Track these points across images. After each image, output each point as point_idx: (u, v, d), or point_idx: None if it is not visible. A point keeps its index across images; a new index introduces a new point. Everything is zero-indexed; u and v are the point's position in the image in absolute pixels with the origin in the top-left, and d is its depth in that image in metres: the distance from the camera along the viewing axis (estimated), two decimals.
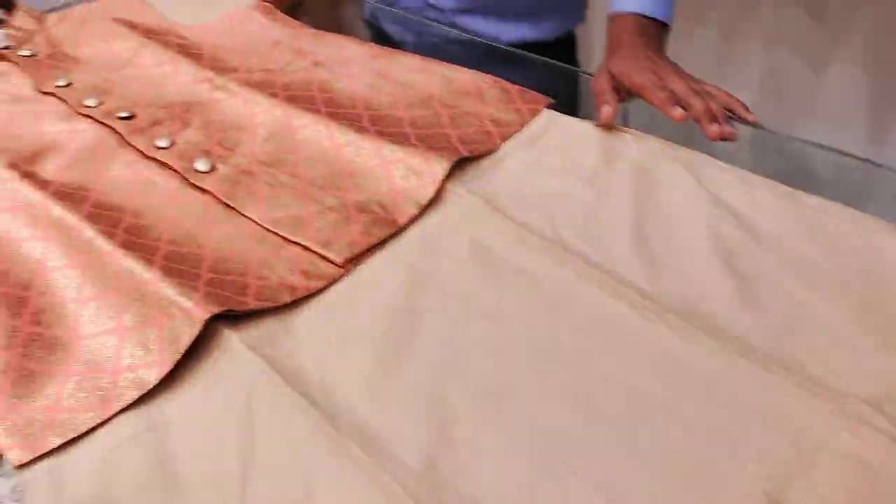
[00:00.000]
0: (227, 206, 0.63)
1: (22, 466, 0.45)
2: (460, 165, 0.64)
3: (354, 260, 0.57)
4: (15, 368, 0.51)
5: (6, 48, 0.88)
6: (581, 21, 1.02)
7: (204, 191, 0.65)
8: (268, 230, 0.60)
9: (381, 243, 0.58)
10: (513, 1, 0.95)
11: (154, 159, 0.69)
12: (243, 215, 0.62)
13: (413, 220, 0.60)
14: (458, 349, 0.50)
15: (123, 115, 0.75)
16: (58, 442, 0.46)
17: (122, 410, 0.47)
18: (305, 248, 0.58)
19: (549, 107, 0.71)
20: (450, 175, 0.62)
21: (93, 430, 0.47)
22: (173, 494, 0.43)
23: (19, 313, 0.55)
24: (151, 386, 0.48)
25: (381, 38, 1.04)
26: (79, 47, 0.89)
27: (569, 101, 0.78)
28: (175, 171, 0.67)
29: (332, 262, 0.57)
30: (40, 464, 0.45)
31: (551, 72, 0.83)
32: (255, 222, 0.61)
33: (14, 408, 0.48)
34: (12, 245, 0.61)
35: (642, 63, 0.69)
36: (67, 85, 0.82)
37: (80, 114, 0.77)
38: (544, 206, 0.59)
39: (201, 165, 0.67)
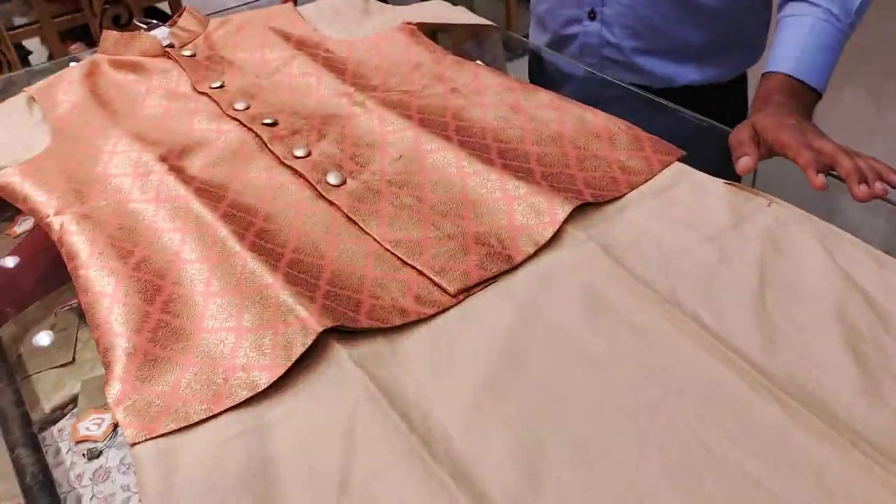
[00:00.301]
0: (351, 221, 0.66)
1: (135, 444, 0.48)
2: (582, 209, 0.64)
3: (466, 291, 0.58)
4: (141, 352, 0.54)
5: (170, 46, 0.95)
6: (755, 62, 1.01)
7: (331, 203, 0.68)
8: (386, 249, 0.62)
9: (494, 277, 0.59)
10: (692, 42, 0.95)
11: (289, 167, 0.73)
12: (365, 232, 0.64)
13: (528, 258, 0.60)
14: (557, 395, 0.50)
15: (267, 121, 0.79)
16: (172, 427, 0.49)
17: (232, 408, 0.50)
18: (420, 272, 0.60)
19: (684, 160, 0.69)
20: (570, 217, 0.62)
21: (202, 421, 0.49)
22: (271, 495, 0.45)
23: (153, 300, 0.59)
24: (261, 389, 0.51)
25: (537, 71, 1.06)
26: (234, 52, 0.94)
27: (713, 156, 0.76)
28: (307, 180, 0.70)
29: (444, 290, 0.58)
30: (153, 444, 0.48)
31: (699, 123, 0.81)
32: (376, 240, 0.63)
33: (136, 389, 0.52)
34: (156, 234, 0.65)
35: (788, 121, 0.67)
36: (220, 86, 0.87)
37: (228, 115, 0.82)
38: (663, 261, 0.58)
39: (332, 178, 0.70)
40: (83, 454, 0.57)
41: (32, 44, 2.24)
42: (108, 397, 0.51)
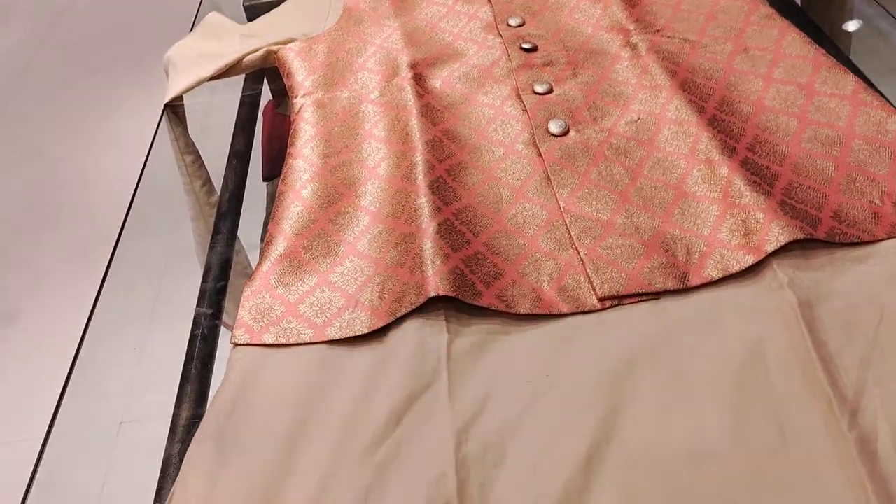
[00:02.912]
0: (548, 179, 0.60)
1: (237, 345, 0.51)
2: (807, 240, 0.50)
3: (617, 299, 0.50)
4: (290, 256, 0.56)
5: None
6: None
7: (540, 154, 0.62)
8: (564, 223, 0.56)
9: (657, 293, 0.50)
10: None
11: (522, 102, 0.68)
12: (554, 196, 0.58)
13: (706, 284, 0.50)
14: (657, 455, 0.42)
15: (525, 46, 0.74)
16: (274, 340, 0.51)
17: (327, 341, 0.50)
18: (582, 260, 0.53)
19: None
20: (786, 245, 0.50)
21: (298, 345, 0.50)
22: (302, 446, 0.44)
23: (328, 207, 0.60)
24: (359, 334, 0.50)
25: None
26: None
27: None
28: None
29: (593, 291, 0.51)
30: (251, 351, 0.50)
31: None
32: (559, 208, 0.57)
33: (268, 289, 0.54)
34: (367, 141, 0.66)
35: None
36: None
37: (497, 29, 0.78)
38: (872, 348, 0.44)
39: (554, 126, 0.64)
40: None
41: None
42: (245, 290, 0.55)
